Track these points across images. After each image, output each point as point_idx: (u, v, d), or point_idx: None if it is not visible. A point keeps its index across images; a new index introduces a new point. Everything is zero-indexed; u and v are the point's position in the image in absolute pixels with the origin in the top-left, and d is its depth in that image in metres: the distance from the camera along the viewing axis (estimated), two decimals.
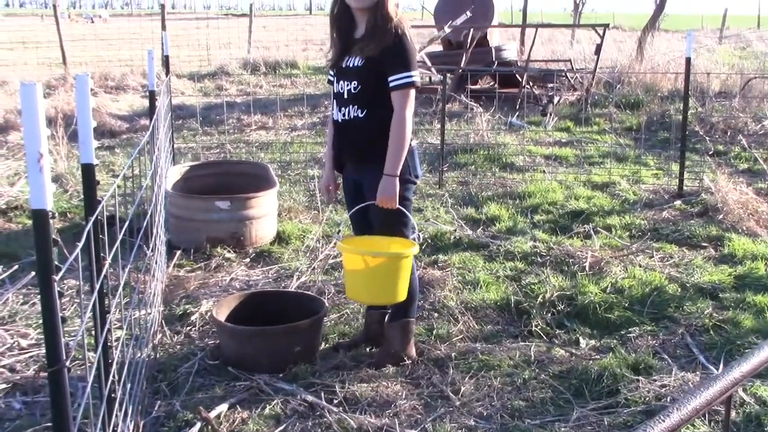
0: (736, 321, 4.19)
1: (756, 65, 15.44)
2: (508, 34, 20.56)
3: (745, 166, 8.25)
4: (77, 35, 21.54)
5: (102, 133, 9.74)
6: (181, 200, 5.58)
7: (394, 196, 3.46)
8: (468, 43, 12.74)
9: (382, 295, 3.51)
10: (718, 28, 30.47)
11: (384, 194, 3.46)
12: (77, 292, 4.42)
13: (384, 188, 3.46)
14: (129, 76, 14.61)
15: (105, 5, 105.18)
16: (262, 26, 29.80)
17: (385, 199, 3.46)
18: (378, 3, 3.43)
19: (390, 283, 3.44)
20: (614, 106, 11.28)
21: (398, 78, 3.42)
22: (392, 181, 3.45)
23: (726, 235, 5.67)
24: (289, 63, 17.52)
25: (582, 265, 5.01)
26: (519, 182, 7.39)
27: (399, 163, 3.46)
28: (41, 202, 1.66)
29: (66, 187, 6.92)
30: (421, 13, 37.48)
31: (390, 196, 3.46)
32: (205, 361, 3.76)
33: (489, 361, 3.74)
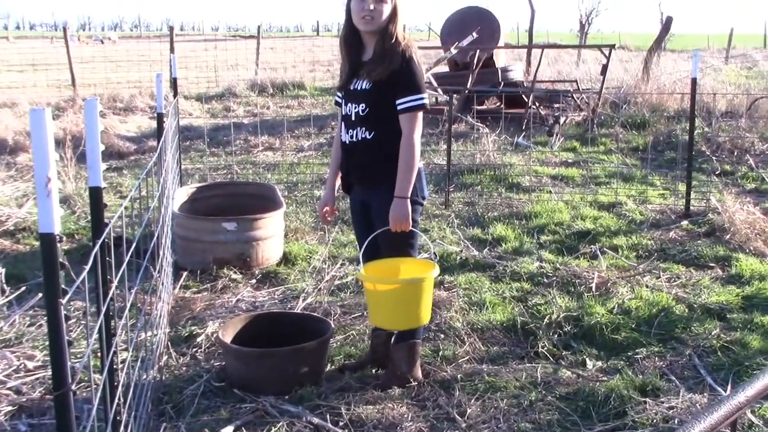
0: (744, 342, 4.17)
1: (763, 85, 15.47)
2: (515, 54, 20.67)
3: (753, 185, 8.24)
4: (86, 57, 21.75)
5: (110, 155, 9.81)
6: (188, 221, 5.60)
7: (406, 218, 3.47)
8: (474, 64, 12.80)
9: (408, 319, 3.52)
10: (724, 48, 30.53)
11: (396, 217, 3.47)
12: (84, 314, 4.43)
13: (396, 211, 3.47)
14: (137, 98, 14.71)
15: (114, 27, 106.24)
16: (270, 47, 30.06)
17: (397, 221, 3.48)
18: (386, 27, 3.47)
19: (415, 307, 3.46)
20: (620, 126, 11.30)
21: (407, 101, 3.44)
22: (404, 203, 3.47)
23: (733, 256, 5.65)
24: (297, 84, 17.64)
25: (588, 285, 4.99)
26: (525, 202, 7.40)
27: (410, 186, 3.47)
28: (49, 226, 1.68)
29: (74, 209, 6.96)
30: (428, 34, 37.71)
31: (402, 218, 3.47)
32: (210, 383, 3.75)
33: (495, 382, 3.72)
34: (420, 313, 3.49)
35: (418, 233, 3.64)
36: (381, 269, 3.63)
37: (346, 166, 3.74)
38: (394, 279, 3.55)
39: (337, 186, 3.88)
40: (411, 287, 3.44)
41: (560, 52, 21.19)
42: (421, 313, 3.49)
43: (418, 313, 3.48)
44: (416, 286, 3.43)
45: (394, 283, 3.49)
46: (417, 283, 3.44)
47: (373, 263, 3.66)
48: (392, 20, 3.48)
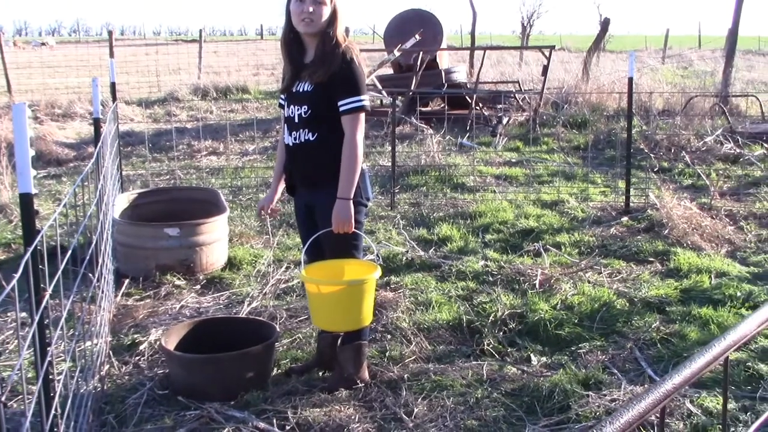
0: (683, 334, 4.27)
1: (697, 84, 15.89)
2: (458, 56, 20.84)
3: (689, 182, 8.45)
4: (23, 63, 21.20)
5: (49, 162, 9.56)
6: (129, 228, 5.50)
7: (349, 219, 3.47)
8: (418, 66, 12.88)
9: (350, 321, 3.51)
10: (660, 48, 31.33)
11: (339, 218, 3.46)
12: (15, 322, 4.31)
13: (338, 212, 3.46)
14: (76, 104, 14.38)
15: (52, 32, 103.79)
16: (213, 51, 29.73)
17: (340, 222, 3.47)
18: (326, 29, 3.46)
19: (356, 309, 3.45)
20: (562, 126, 11.49)
21: (348, 102, 3.44)
22: (346, 205, 3.46)
23: (672, 250, 5.79)
24: (240, 88, 17.49)
25: (532, 282, 5.06)
26: (470, 202, 7.46)
27: (352, 187, 3.47)
28: None
29: (11, 218, 6.77)
30: (372, 36, 37.78)
31: (345, 219, 3.46)
32: (154, 391, 3.69)
33: (442, 381, 3.74)
34: (361, 315, 3.49)
35: (361, 234, 3.64)
36: (323, 271, 3.62)
37: (289, 168, 3.72)
38: (335, 281, 3.54)
39: (281, 188, 3.85)
40: (352, 289, 3.43)
41: (503, 53, 21.47)
42: (362, 315, 3.49)
43: (360, 314, 3.48)
44: (357, 288, 3.43)
45: (335, 285, 3.48)
46: (358, 285, 3.44)
47: (316, 265, 3.65)
48: (332, 22, 3.47)
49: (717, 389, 3.58)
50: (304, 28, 3.46)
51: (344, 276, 3.62)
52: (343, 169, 3.46)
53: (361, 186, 3.57)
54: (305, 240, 3.74)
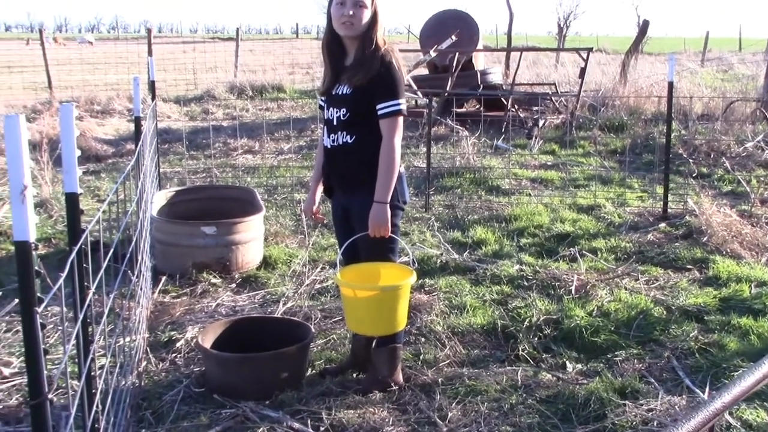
0: (722, 344, 4.20)
1: (738, 88, 15.64)
2: (494, 57, 20.76)
3: (729, 188, 8.32)
4: (63, 59, 21.54)
5: (88, 158, 9.71)
6: (167, 226, 5.56)
7: (385, 223, 3.47)
8: (453, 67, 12.84)
9: (384, 325, 3.52)
10: (700, 51, 30.88)
11: (375, 222, 3.47)
12: (61, 320, 4.38)
13: (375, 215, 3.47)
14: (115, 100, 14.60)
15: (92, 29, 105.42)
16: (249, 50, 29.96)
17: (376, 226, 3.48)
18: (366, 32, 3.46)
19: (391, 314, 3.46)
20: (599, 129, 11.37)
21: (386, 106, 3.44)
22: (383, 208, 3.47)
23: (710, 258, 5.71)
24: (276, 87, 17.59)
25: (568, 288, 5.02)
26: (505, 205, 7.42)
27: (389, 190, 3.47)
28: (24, 234, 1.65)
29: (51, 213, 6.89)
30: (407, 36, 37.76)
31: (381, 223, 3.47)
32: (190, 388, 3.73)
33: (476, 386, 3.73)
34: (396, 320, 3.49)
35: (397, 238, 3.64)
36: (358, 274, 3.62)
37: (327, 171, 3.74)
38: (371, 286, 3.54)
39: (320, 190, 3.87)
40: (387, 294, 3.44)
41: (539, 55, 21.31)
42: (396, 320, 3.49)
43: (394, 319, 3.48)
44: (392, 293, 3.43)
45: (370, 290, 3.48)
46: (393, 291, 3.44)
47: (351, 267, 3.65)
48: (372, 25, 3.48)
49: (757, 401, 3.52)
50: (345, 31, 3.47)
51: (380, 279, 3.62)
52: (381, 172, 3.46)
53: (398, 189, 3.57)
54: (341, 242, 3.75)
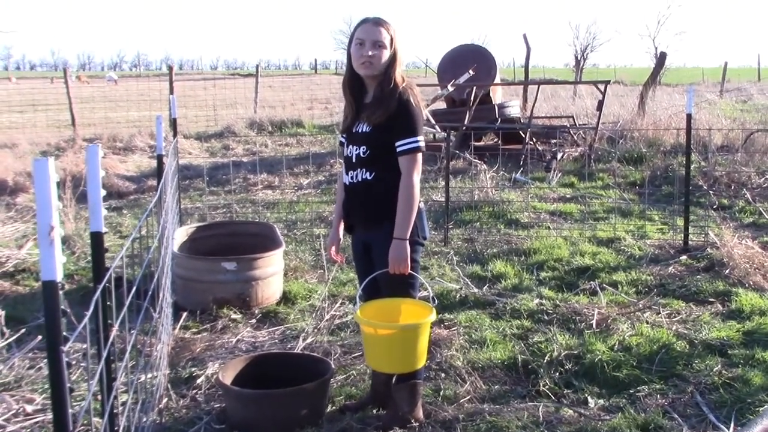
0: (746, 378, 4.15)
1: (758, 118, 15.59)
2: (511, 90, 20.86)
3: (750, 219, 8.26)
4: (86, 97, 21.92)
5: (110, 194, 9.84)
6: (188, 261, 5.61)
7: (405, 259, 3.49)
8: (471, 101, 12.92)
9: (404, 363, 3.52)
10: (718, 82, 30.84)
11: (395, 258, 3.49)
12: (83, 356, 4.41)
13: (395, 252, 3.49)
14: (137, 137, 14.81)
15: (114, 66, 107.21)
16: (269, 86, 30.31)
17: (396, 263, 3.50)
18: (385, 71, 3.51)
19: (410, 352, 3.46)
20: (617, 161, 11.36)
21: (405, 143, 3.48)
22: (403, 245, 3.49)
23: (733, 290, 5.65)
24: (295, 122, 17.77)
25: (589, 322, 4.99)
26: (524, 239, 7.41)
27: (409, 227, 3.49)
28: (51, 274, 1.69)
29: (73, 249, 6.97)
30: (425, 71, 38.05)
31: (401, 259, 3.49)
32: (211, 425, 3.73)
33: (497, 422, 3.70)
34: (415, 357, 3.49)
35: (417, 274, 3.65)
36: (378, 310, 3.63)
37: (347, 208, 3.77)
38: (391, 324, 3.55)
39: (342, 227, 3.89)
40: (406, 332, 3.45)
41: (556, 87, 21.40)
42: (416, 357, 3.49)
43: (414, 357, 3.48)
44: (412, 331, 3.44)
45: (390, 328, 3.49)
46: (413, 329, 3.44)
47: (371, 304, 3.66)
48: (392, 64, 3.53)
49: None
50: (364, 71, 3.53)
51: (400, 317, 3.62)
52: (400, 209, 3.49)
53: (418, 225, 3.59)
54: (362, 277, 3.77)
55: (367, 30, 3.49)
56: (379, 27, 3.49)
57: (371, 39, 3.47)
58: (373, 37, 3.47)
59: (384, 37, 3.48)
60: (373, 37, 3.47)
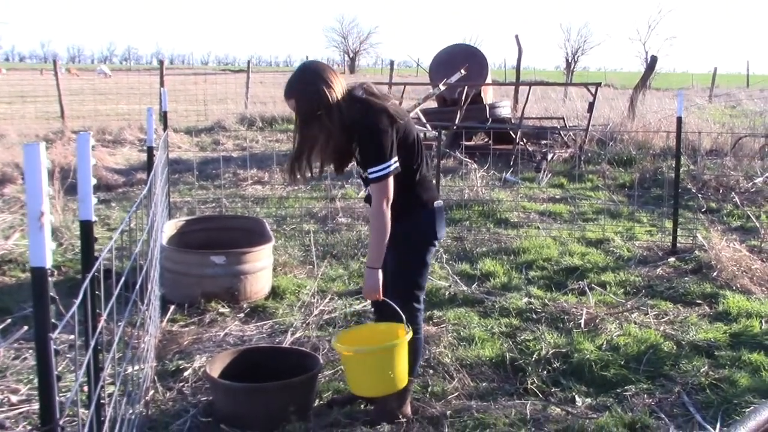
0: (733, 379, 4.17)
1: (746, 123, 15.68)
2: (502, 91, 20.89)
3: (738, 223, 8.31)
4: (75, 89, 21.79)
5: (98, 187, 9.76)
6: (177, 255, 5.58)
7: (376, 288, 3.43)
8: (462, 101, 12.92)
9: (382, 386, 3.49)
10: (707, 87, 31.02)
11: (366, 288, 3.45)
12: (70, 347, 4.39)
13: (367, 281, 3.43)
14: (126, 130, 14.74)
15: (104, 60, 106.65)
16: (260, 81, 30.21)
17: (367, 292, 3.47)
18: (326, 132, 3.37)
19: (386, 374, 3.43)
20: (607, 163, 11.40)
21: (373, 172, 3.38)
22: (374, 274, 3.42)
23: (720, 293, 5.68)
24: (286, 118, 17.73)
25: (577, 321, 5.00)
26: (513, 238, 7.42)
27: (380, 255, 3.41)
28: (41, 260, 1.67)
29: (61, 240, 6.92)
30: (416, 70, 38.07)
31: (371, 289, 3.43)
32: (197, 418, 3.71)
33: (484, 419, 3.70)
34: (395, 378, 3.45)
35: (425, 273, 3.68)
36: (359, 336, 3.68)
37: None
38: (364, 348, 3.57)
39: None
40: (382, 353, 3.44)
41: (547, 89, 21.43)
42: (396, 378, 3.45)
43: (393, 377, 3.44)
44: (387, 352, 3.42)
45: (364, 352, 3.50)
46: (388, 349, 3.42)
47: (347, 331, 3.75)
48: (327, 140, 3.40)
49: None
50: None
51: (376, 340, 3.62)
52: (371, 237, 3.43)
53: (432, 225, 3.59)
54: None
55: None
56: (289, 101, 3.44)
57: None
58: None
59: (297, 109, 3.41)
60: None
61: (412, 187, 3.54)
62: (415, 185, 3.55)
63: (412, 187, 3.54)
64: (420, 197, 3.57)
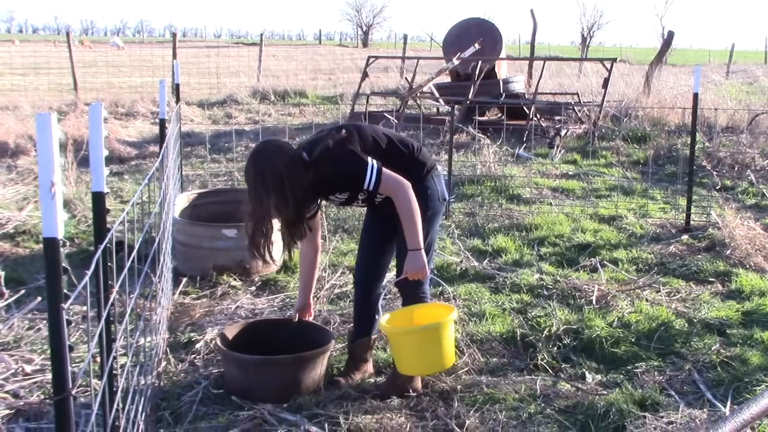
0: (744, 358, 4.16)
1: (763, 100, 15.48)
2: (516, 66, 20.70)
3: (753, 201, 8.24)
4: (89, 61, 21.78)
5: (111, 159, 9.80)
6: (189, 227, 5.59)
7: (422, 268, 3.53)
8: (476, 75, 12.83)
9: (434, 363, 3.57)
10: (724, 63, 30.63)
11: (413, 269, 3.53)
12: (83, 319, 4.42)
13: (412, 264, 3.52)
14: (139, 103, 14.72)
15: (117, 32, 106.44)
16: (272, 55, 30.11)
17: (414, 272, 3.54)
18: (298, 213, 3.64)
19: (437, 351, 3.51)
20: (621, 140, 11.31)
21: (368, 181, 3.45)
22: (418, 255, 3.51)
23: (733, 271, 5.65)
24: (298, 92, 17.68)
25: (588, 298, 4.99)
26: (526, 214, 7.39)
27: (419, 234, 3.49)
28: (52, 231, 1.67)
29: (74, 213, 6.95)
30: (430, 44, 37.82)
31: (419, 269, 3.53)
32: (209, 389, 3.74)
33: (494, 394, 3.71)
34: (443, 356, 3.54)
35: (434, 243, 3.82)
36: (403, 317, 3.74)
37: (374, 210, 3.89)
38: (412, 328, 3.66)
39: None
40: (428, 332, 3.51)
41: (562, 64, 21.21)
42: (444, 356, 3.54)
43: (442, 355, 3.53)
44: (434, 331, 3.50)
45: (412, 331, 3.59)
46: (435, 328, 3.51)
47: (397, 312, 3.79)
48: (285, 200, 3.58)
49: None
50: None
51: (423, 321, 3.70)
52: (404, 222, 3.49)
53: (437, 188, 3.72)
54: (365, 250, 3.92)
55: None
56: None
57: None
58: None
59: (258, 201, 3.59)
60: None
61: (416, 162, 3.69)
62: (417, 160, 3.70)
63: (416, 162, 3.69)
64: (425, 164, 3.73)
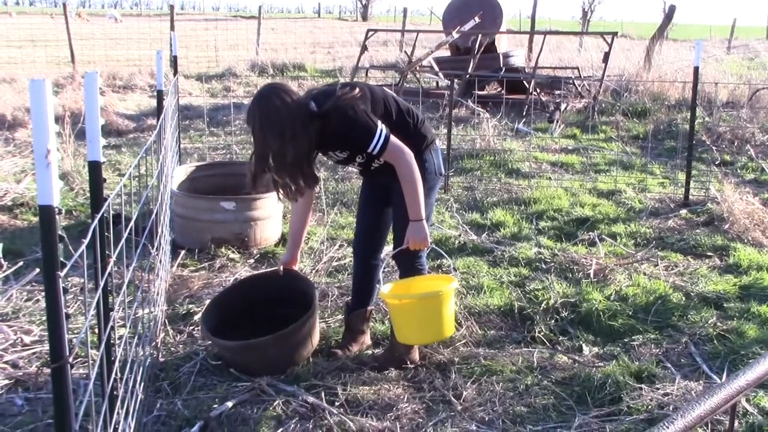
0: (741, 331, 4.17)
1: (764, 76, 15.42)
2: (516, 40, 20.56)
3: (752, 176, 8.23)
4: (86, 34, 21.61)
5: (109, 132, 9.76)
6: (187, 200, 5.58)
7: (425, 238, 3.53)
8: (476, 49, 12.75)
9: (433, 333, 3.56)
10: (726, 38, 30.47)
11: (415, 239, 3.52)
12: (81, 290, 4.43)
13: (414, 234, 3.51)
14: (137, 76, 14.64)
15: (114, 5, 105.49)
16: (271, 28, 29.92)
17: (416, 242, 3.53)
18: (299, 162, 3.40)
19: (436, 320, 3.49)
20: (621, 114, 11.27)
21: (374, 146, 3.41)
22: (420, 225, 3.51)
23: (731, 245, 5.65)
24: (297, 65, 17.57)
25: (586, 272, 4.99)
26: (524, 188, 7.38)
27: (420, 206, 3.48)
28: (48, 198, 1.66)
29: (72, 185, 6.94)
30: (430, 18, 37.55)
31: (420, 239, 3.52)
32: (207, 361, 3.76)
33: (492, 366, 3.73)
34: (442, 326, 3.52)
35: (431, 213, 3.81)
36: (403, 287, 3.73)
37: (370, 177, 3.82)
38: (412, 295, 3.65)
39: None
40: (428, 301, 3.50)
41: (562, 38, 21.07)
42: (443, 325, 3.52)
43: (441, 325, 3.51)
44: (434, 299, 3.48)
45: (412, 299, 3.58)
46: (434, 297, 3.50)
47: (397, 283, 3.77)
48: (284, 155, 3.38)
49: None
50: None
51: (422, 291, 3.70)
52: (406, 192, 3.48)
53: (435, 162, 3.72)
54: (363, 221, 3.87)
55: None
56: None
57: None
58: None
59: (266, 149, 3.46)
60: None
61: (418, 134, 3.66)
62: (419, 132, 3.67)
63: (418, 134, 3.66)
64: (426, 137, 3.71)
